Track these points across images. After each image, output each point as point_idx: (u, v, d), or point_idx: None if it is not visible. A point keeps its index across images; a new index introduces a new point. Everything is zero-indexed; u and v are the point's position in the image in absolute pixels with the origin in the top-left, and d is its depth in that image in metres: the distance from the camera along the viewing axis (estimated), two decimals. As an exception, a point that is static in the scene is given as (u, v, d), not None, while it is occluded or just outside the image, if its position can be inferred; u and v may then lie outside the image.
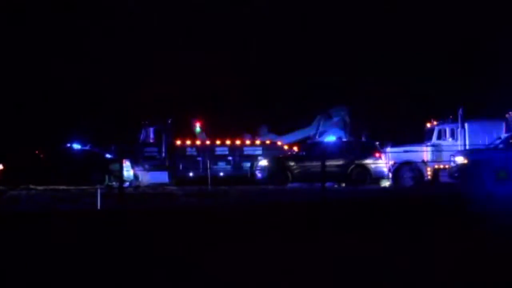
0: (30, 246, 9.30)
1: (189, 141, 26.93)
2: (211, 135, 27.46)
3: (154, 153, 26.50)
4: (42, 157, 24.24)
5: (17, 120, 33.57)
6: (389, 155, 24.73)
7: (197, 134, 27.50)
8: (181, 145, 26.75)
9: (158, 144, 26.64)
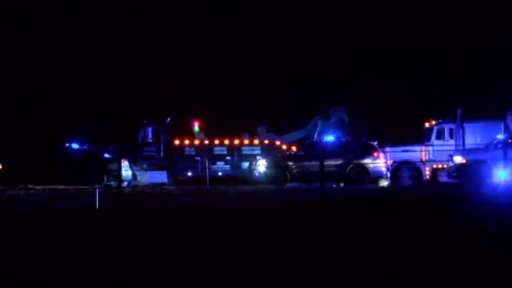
0: (28, 246, 9.28)
1: (187, 141, 26.91)
2: (209, 134, 27.44)
3: (152, 153, 26.49)
4: (41, 157, 24.25)
5: (16, 120, 33.52)
6: (388, 154, 24.74)
7: (196, 133, 27.49)
8: (180, 145, 26.74)
9: (156, 144, 26.62)
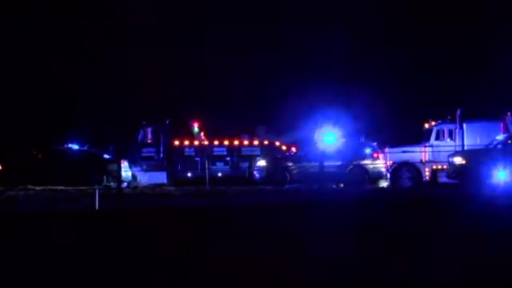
0: (28, 246, 9.29)
1: (187, 142, 26.89)
2: (209, 135, 27.43)
3: (152, 154, 26.46)
4: (40, 158, 24.24)
5: (16, 120, 33.52)
6: (387, 155, 24.74)
7: (195, 134, 27.49)
8: (179, 146, 26.73)
9: (156, 145, 26.58)
